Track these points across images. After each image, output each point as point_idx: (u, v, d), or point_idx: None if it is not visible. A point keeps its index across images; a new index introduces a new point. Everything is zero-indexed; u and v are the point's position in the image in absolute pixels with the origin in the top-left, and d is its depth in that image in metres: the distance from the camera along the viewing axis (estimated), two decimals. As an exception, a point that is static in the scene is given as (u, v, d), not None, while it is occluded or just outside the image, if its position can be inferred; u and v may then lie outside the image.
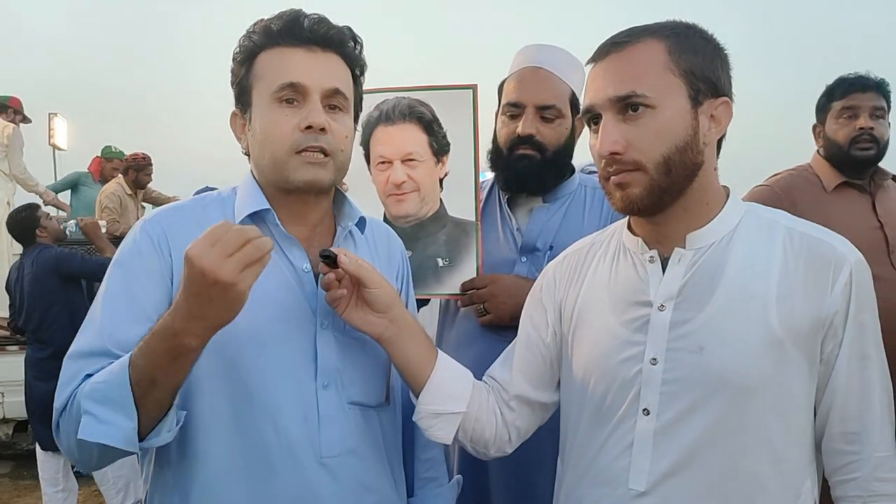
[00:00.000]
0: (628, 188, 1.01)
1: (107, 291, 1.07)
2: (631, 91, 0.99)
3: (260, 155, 1.12)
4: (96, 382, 0.96)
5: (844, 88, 2.25)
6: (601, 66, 1.04)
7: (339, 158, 1.12)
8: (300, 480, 1.06)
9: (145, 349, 0.93)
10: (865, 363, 1.01)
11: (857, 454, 1.01)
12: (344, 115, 1.14)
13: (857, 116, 2.21)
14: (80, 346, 1.04)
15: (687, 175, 1.02)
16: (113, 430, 0.92)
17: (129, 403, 0.92)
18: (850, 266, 1.00)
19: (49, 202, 6.09)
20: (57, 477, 3.88)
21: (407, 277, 1.36)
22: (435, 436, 1.18)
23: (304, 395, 1.08)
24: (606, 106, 1.01)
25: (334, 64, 1.13)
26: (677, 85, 1.00)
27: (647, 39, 1.01)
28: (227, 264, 0.86)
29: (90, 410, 0.93)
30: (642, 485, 1.01)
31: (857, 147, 2.19)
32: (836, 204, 2.19)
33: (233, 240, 0.88)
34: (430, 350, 1.19)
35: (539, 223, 1.69)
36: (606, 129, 1.01)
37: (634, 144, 0.99)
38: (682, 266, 1.04)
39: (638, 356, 1.04)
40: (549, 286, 1.22)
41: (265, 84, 1.10)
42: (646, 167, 1.00)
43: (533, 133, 1.63)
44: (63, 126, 7.76)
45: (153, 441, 0.97)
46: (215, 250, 0.87)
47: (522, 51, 1.74)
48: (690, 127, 1.01)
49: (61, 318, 3.92)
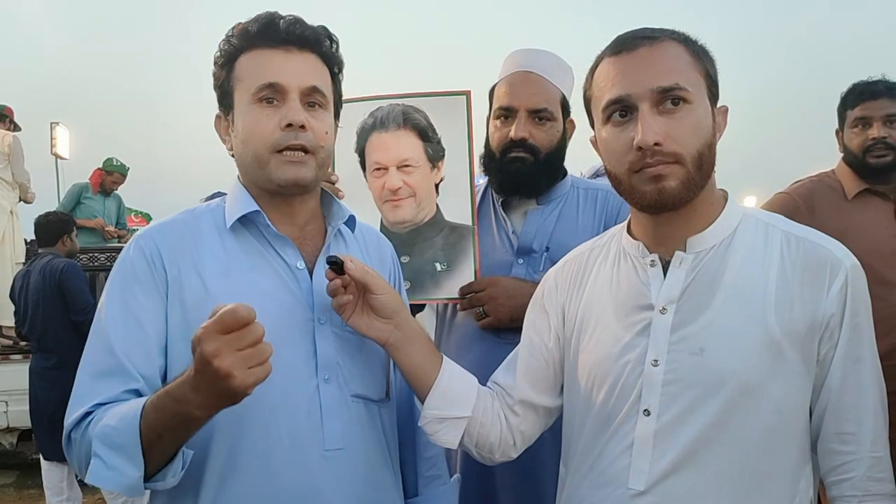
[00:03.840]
0: (665, 181, 1.00)
1: (110, 309, 1.09)
2: (675, 83, 0.99)
3: (243, 155, 1.16)
4: (108, 426, 0.97)
5: (855, 97, 2.25)
6: (632, 58, 1.03)
7: (319, 155, 1.14)
8: (304, 473, 1.07)
9: (157, 404, 0.95)
10: (860, 365, 1.02)
11: (853, 454, 1.02)
12: (323, 112, 1.16)
13: (869, 125, 2.20)
14: (92, 364, 1.06)
15: (709, 172, 1.04)
16: (119, 478, 0.95)
17: (136, 453, 0.94)
18: (846, 270, 1.01)
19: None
20: (61, 486, 3.89)
21: (399, 282, 1.37)
22: (441, 440, 1.19)
23: (307, 389, 1.10)
24: (646, 97, 1.00)
25: (311, 63, 1.15)
26: (702, 84, 1.03)
27: (669, 39, 1.03)
28: (235, 360, 0.87)
29: (99, 454, 0.95)
30: (641, 484, 1.02)
31: (872, 156, 2.19)
32: (855, 211, 2.19)
33: (245, 336, 0.87)
34: (434, 355, 1.20)
35: (534, 225, 1.70)
36: (647, 119, 0.99)
37: (674, 137, 0.99)
38: (683, 270, 1.05)
39: (639, 358, 1.05)
40: (550, 292, 1.23)
41: (245, 86, 1.13)
42: (685, 160, 1.00)
43: (526, 136, 1.65)
44: (65, 135, 7.80)
45: (157, 485, 0.99)
46: (224, 340, 0.87)
47: (512, 55, 1.75)
48: (713, 126, 1.04)
49: (65, 326, 3.94)
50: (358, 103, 1.66)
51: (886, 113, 2.19)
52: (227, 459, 1.06)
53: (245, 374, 0.88)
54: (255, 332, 0.88)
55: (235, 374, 0.87)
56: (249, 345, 0.88)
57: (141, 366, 1.05)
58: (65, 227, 4.34)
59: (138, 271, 1.10)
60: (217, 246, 1.13)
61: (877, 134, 2.18)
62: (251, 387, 0.89)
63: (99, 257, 5.40)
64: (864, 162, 2.20)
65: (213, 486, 1.06)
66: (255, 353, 0.88)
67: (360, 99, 1.67)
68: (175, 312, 1.08)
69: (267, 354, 0.90)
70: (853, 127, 2.24)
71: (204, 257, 1.11)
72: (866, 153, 2.19)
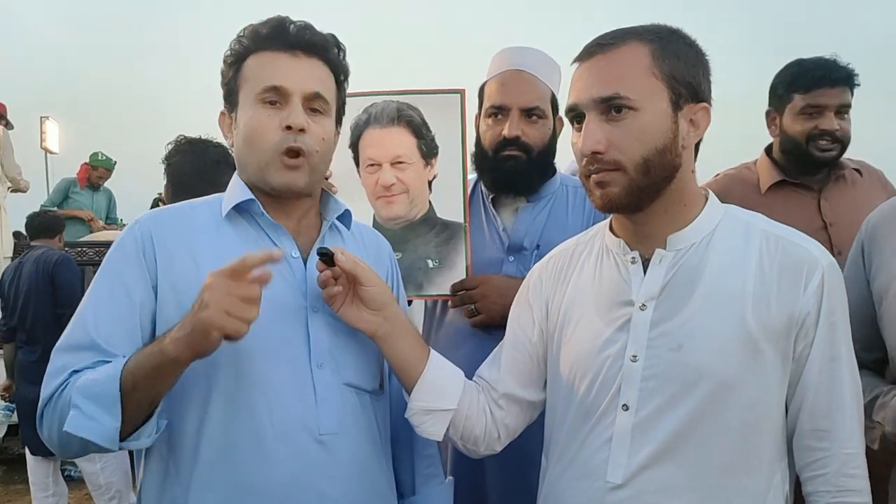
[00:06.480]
0: (607, 187, 1.04)
1: (94, 289, 1.12)
2: (615, 93, 1.01)
3: (243, 153, 1.18)
4: (89, 379, 1.00)
5: (809, 82, 1.94)
6: (586, 66, 1.06)
7: (313, 159, 1.16)
8: (298, 457, 1.09)
9: (139, 351, 1.00)
10: (835, 363, 1.04)
11: (827, 451, 1.04)
12: (324, 118, 1.18)
13: (820, 115, 1.93)
14: (67, 339, 1.09)
15: (665, 176, 1.04)
16: (97, 427, 0.97)
17: (115, 403, 0.97)
18: (823, 269, 1.03)
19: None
20: (47, 482, 3.87)
21: (397, 279, 1.39)
22: (426, 432, 1.20)
23: (300, 375, 1.12)
24: (590, 106, 1.03)
25: (317, 69, 1.18)
26: (659, 88, 1.03)
27: (632, 42, 1.04)
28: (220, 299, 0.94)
29: (78, 404, 0.98)
30: (619, 478, 1.04)
31: (817, 147, 1.93)
32: (771, 204, 1.93)
33: (241, 286, 0.95)
34: (422, 348, 1.21)
35: (525, 223, 1.72)
36: (589, 128, 1.03)
37: (616, 144, 1.02)
38: (663, 267, 1.07)
39: (619, 353, 1.06)
40: (535, 287, 1.25)
41: (251, 86, 1.16)
42: (625, 167, 1.02)
43: (519, 135, 1.66)
44: (55, 129, 7.74)
45: (132, 443, 1.02)
46: (223, 282, 0.95)
47: (501, 53, 1.76)
48: (670, 130, 1.03)
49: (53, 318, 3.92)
50: (352, 99, 1.67)
51: (840, 103, 1.92)
52: (218, 444, 1.07)
53: (219, 314, 0.93)
54: (250, 290, 0.95)
55: (211, 309, 0.92)
56: (239, 297, 0.94)
57: (120, 345, 1.07)
58: (59, 224, 4.43)
59: (129, 254, 1.12)
60: (213, 232, 1.15)
61: (829, 126, 1.91)
62: (217, 329, 0.93)
63: (87, 251, 5.37)
64: (805, 151, 1.94)
65: (205, 471, 1.07)
66: (239, 306, 0.94)
67: (355, 94, 1.68)
68: (166, 295, 1.10)
69: (248, 314, 0.95)
70: (801, 113, 1.95)
71: (199, 243, 1.13)
72: (810, 142, 1.93)
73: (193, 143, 2.28)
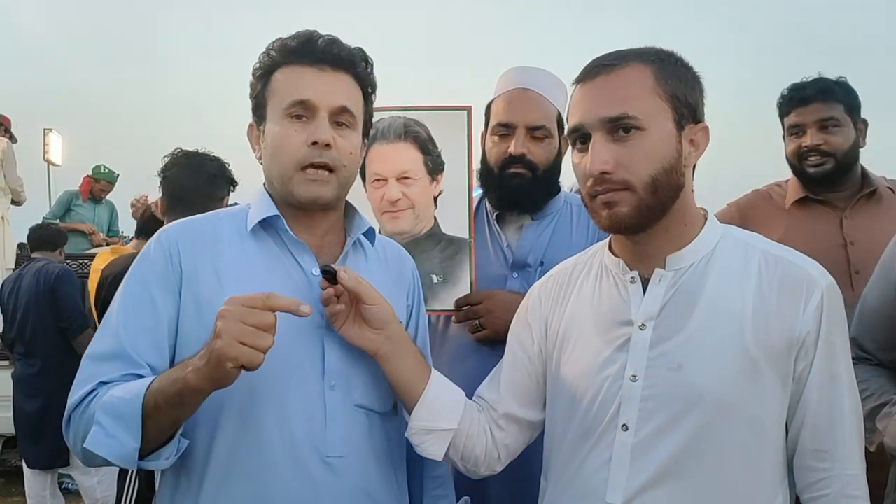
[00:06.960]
0: (616, 207, 1.04)
1: (122, 297, 1.12)
2: (623, 112, 1.01)
3: (270, 166, 1.19)
4: (114, 396, 1.00)
5: (787, 103, 2.11)
6: (590, 87, 1.06)
7: (342, 174, 1.16)
8: (303, 478, 1.08)
9: (163, 374, 1.00)
10: (835, 382, 1.04)
11: (828, 471, 1.03)
12: (350, 132, 1.18)
13: (803, 132, 2.06)
14: (97, 348, 1.09)
15: (671, 196, 1.05)
16: (116, 446, 0.97)
17: (137, 424, 0.97)
18: (822, 290, 1.03)
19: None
20: (44, 495, 3.85)
21: (418, 297, 1.38)
22: (426, 451, 1.19)
23: (311, 394, 1.11)
24: (597, 126, 1.03)
25: (344, 83, 1.18)
26: (664, 108, 1.04)
27: (635, 63, 1.05)
28: (233, 328, 0.93)
29: (101, 422, 0.98)
30: (619, 499, 1.03)
31: (808, 164, 2.05)
32: (793, 220, 2.06)
33: (255, 314, 0.95)
34: (423, 368, 1.21)
35: (529, 240, 1.73)
36: (596, 148, 1.03)
37: (624, 164, 1.02)
38: (663, 287, 1.07)
39: (618, 373, 1.06)
40: (534, 306, 1.25)
41: (278, 99, 1.16)
42: (634, 187, 1.02)
43: (525, 153, 1.68)
44: (58, 142, 7.76)
45: (151, 464, 1.01)
46: (238, 309, 0.94)
47: (508, 73, 1.79)
48: (675, 150, 1.04)
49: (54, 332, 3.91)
50: None
51: (819, 118, 2.04)
52: (227, 459, 1.07)
53: (232, 345, 0.91)
54: (264, 318, 0.94)
55: (223, 339, 0.91)
56: (254, 324, 0.92)
57: (147, 354, 1.07)
58: (62, 238, 4.46)
59: (155, 264, 1.13)
60: (236, 246, 1.16)
61: (809, 142, 2.03)
62: (231, 360, 0.92)
63: (88, 264, 5.37)
64: (800, 170, 2.08)
65: (214, 486, 1.07)
66: (252, 334, 0.93)
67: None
68: (188, 306, 1.11)
69: (263, 343, 0.93)
70: (790, 134, 2.10)
71: (222, 255, 1.14)
72: (801, 161, 2.06)
73: (190, 156, 2.29)
